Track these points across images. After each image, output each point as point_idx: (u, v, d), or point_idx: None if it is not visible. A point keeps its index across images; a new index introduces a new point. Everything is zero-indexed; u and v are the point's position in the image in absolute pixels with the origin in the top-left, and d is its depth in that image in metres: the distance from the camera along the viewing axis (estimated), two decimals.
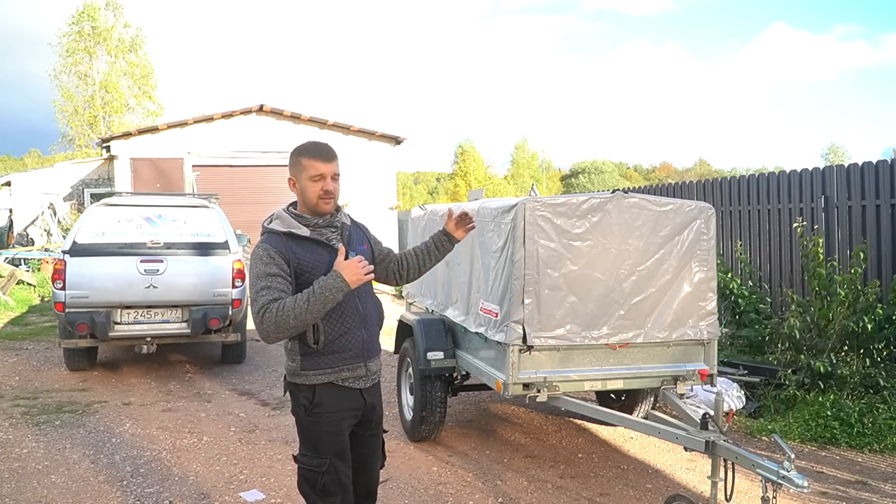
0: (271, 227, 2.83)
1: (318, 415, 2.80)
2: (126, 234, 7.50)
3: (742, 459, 3.62)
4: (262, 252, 2.75)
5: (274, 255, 2.73)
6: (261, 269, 2.71)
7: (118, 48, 30.73)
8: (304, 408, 2.81)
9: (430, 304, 6.02)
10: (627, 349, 4.56)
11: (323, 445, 2.81)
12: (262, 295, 2.66)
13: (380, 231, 18.37)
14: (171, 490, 4.66)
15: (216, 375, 7.95)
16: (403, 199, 47.31)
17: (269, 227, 2.83)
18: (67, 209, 18.96)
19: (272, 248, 2.76)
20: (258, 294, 2.67)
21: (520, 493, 4.62)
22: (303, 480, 2.83)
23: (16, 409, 6.52)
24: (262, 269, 2.71)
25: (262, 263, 2.72)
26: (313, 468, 2.79)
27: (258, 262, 2.73)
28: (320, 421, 2.81)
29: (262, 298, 2.65)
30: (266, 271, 2.70)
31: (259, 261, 2.73)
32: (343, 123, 18.15)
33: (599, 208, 4.45)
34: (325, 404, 2.81)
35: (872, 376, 5.91)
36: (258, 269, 2.72)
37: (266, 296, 2.65)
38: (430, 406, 5.32)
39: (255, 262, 2.74)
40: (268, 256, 2.73)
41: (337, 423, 2.84)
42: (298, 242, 2.79)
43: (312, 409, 2.80)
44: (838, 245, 7.26)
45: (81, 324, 7.06)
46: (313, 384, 2.80)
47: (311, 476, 2.80)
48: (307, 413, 2.81)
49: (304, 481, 2.82)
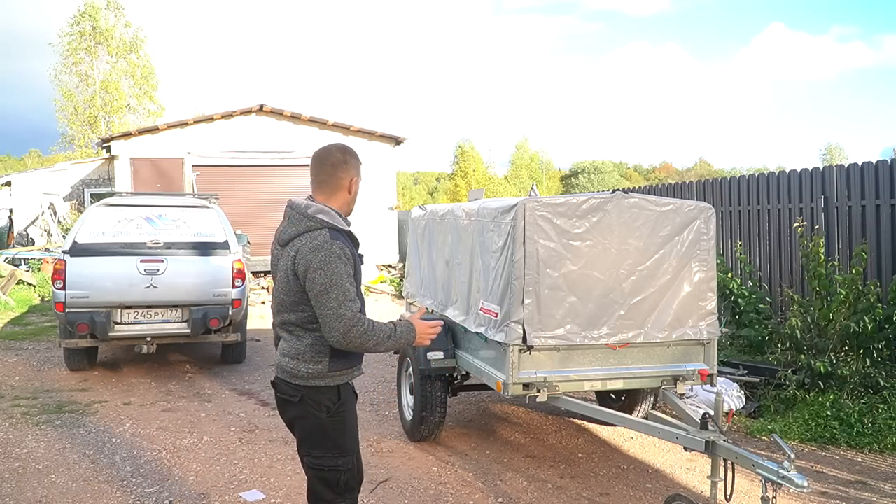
0: (333, 223, 2.74)
1: (342, 413, 2.79)
2: (126, 234, 7.50)
3: (742, 459, 3.62)
4: (339, 251, 2.65)
5: (350, 256, 2.69)
6: (342, 269, 2.64)
7: (119, 48, 30.73)
8: (327, 409, 2.75)
9: (430, 304, 6.02)
10: (627, 349, 4.56)
11: (347, 442, 2.80)
12: (347, 302, 2.62)
13: (380, 231, 18.43)
14: (171, 490, 4.66)
15: (216, 375, 7.95)
16: (403, 199, 47.32)
17: (332, 224, 2.73)
18: (67, 209, 18.97)
19: (347, 248, 2.70)
20: (344, 299, 2.61)
21: (520, 493, 4.62)
22: (319, 483, 2.78)
23: (16, 409, 6.52)
24: (343, 269, 2.64)
25: (343, 264, 2.65)
26: (337, 468, 2.76)
27: (338, 261, 2.63)
28: (345, 419, 2.80)
29: (349, 307, 2.61)
30: (347, 272, 2.65)
31: (339, 260, 2.64)
32: (343, 123, 18.14)
33: (599, 208, 4.45)
34: (349, 402, 2.83)
35: (872, 376, 5.91)
36: (340, 270, 2.63)
37: (353, 305, 2.63)
38: (430, 406, 5.32)
39: (334, 262, 2.63)
40: (346, 257, 2.67)
41: (356, 418, 2.88)
42: (352, 242, 2.82)
43: (338, 410, 2.77)
44: (838, 245, 7.26)
45: (81, 324, 7.06)
46: (337, 384, 2.79)
47: (333, 476, 2.76)
48: (330, 414, 2.76)
49: (323, 483, 2.77)
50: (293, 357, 2.76)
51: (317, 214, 2.73)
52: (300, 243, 2.70)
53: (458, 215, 5.40)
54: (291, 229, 2.76)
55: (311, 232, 2.70)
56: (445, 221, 5.71)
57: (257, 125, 17.68)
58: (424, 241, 6.32)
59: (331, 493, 2.78)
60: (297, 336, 2.77)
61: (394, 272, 17.52)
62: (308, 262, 2.64)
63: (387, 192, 18.29)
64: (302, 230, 2.72)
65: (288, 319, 2.78)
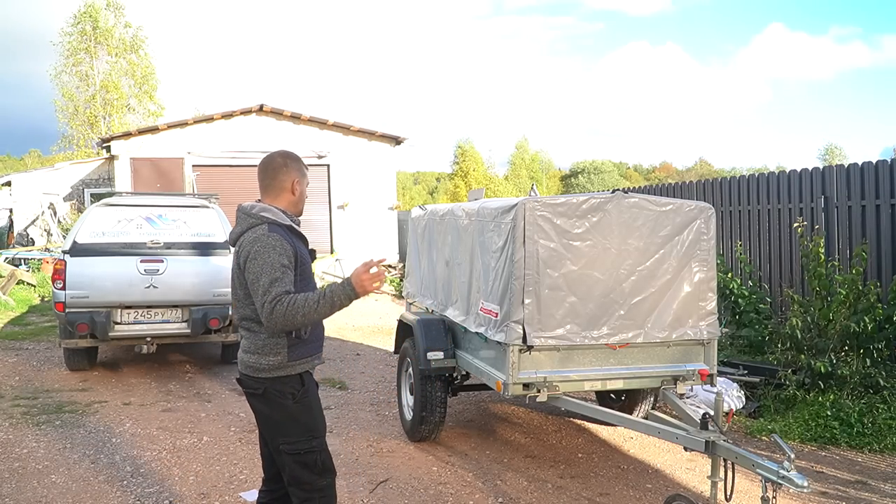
0: (274, 219, 2.92)
1: (307, 398, 2.97)
2: (126, 234, 7.51)
3: (742, 459, 3.62)
4: (275, 242, 2.82)
5: (287, 248, 2.85)
6: (275, 258, 2.79)
7: (119, 48, 30.71)
8: (291, 396, 2.92)
9: (430, 304, 6.02)
10: (627, 349, 4.56)
11: (317, 424, 2.99)
12: (275, 286, 2.74)
13: (380, 231, 18.39)
14: (171, 490, 4.66)
15: (216, 375, 7.95)
16: (403, 199, 47.32)
17: (272, 219, 2.91)
18: (67, 209, 18.96)
19: (284, 240, 2.86)
20: (272, 284, 2.74)
21: (520, 493, 4.62)
22: (299, 467, 2.92)
23: (16, 409, 6.52)
24: (276, 259, 2.79)
25: (277, 253, 2.80)
26: (312, 450, 2.93)
27: (272, 251, 2.79)
28: (310, 403, 2.98)
29: (275, 289, 2.74)
30: (280, 262, 2.80)
31: (273, 250, 2.80)
32: (343, 123, 18.13)
33: (599, 208, 4.45)
34: (311, 388, 3.01)
35: (872, 376, 5.91)
36: (272, 259, 2.78)
37: (279, 287, 2.74)
38: (430, 406, 5.32)
39: (268, 251, 2.79)
40: (281, 247, 2.83)
41: (319, 402, 3.07)
42: (295, 236, 2.98)
43: (302, 396, 2.95)
44: (838, 245, 7.26)
45: (81, 324, 7.07)
46: (299, 373, 2.95)
47: (310, 458, 2.92)
48: (296, 400, 2.93)
49: (302, 467, 2.92)
50: (253, 352, 2.92)
51: (260, 213, 2.94)
52: (243, 239, 2.92)
53: (458, 215, 5.40)
54: (238, 228, 2.99)
55: (252, 228, 2.92)
56: (445, 221, 5.71)
57: (257, 125, 17.67)
58: (424, 241, 6.32)
59: (310, 474, 2.92)
60: (254, 332, 2.93)
61: (394, 272, 17.51)
62: (247, 252, 2.85)
63: (387, 192, 18.28)
64: (246, 227, 2.94)
65: (244, 315, 2.95)
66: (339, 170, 17.48)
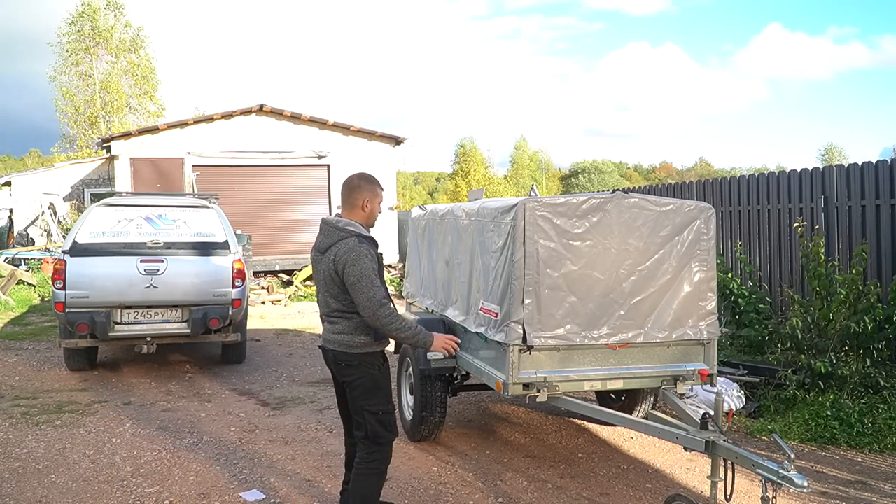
0: (361, 232, 3.58)
1: (386, 370, 3.71)
2: (126, 234, 7.50)
3: (742, 459, 3.62)
4: (365, 251, 3.49)
5: (373, 255, 3.53)
6: (368, 265, 3.46)
7: (119, 48, 30.67)
8: (377, 367, 3.64)
9: (430, 304, 6.02)
10: (627, 349, 4.55)
11: (390, 392, 3.73)
12: (378, 287, 3.46)
13: (380, 231, 18.41)
14: (171, 490, 4.66)
15: (216, 375, 7.95)
16: (403, 199, 47.31)
17: (357, 232, 3.56)
18: (67, 209, 18.95)
19: (371, 250, 3.54)
20: (374, 285, 3.44)
21: (520, 493, 4.62)
22: (378, 425, 3.59)
23: (16, 409, 6.52)
24: (369, 266, 3.47)
25: (369, 260, 3.48)
26: (389, 411, 3.65)
27: (364, 259, 3.46)
28: (387, 374, 3.72)
29: (379, 291, 3.46)
30: (372, 267, 3.48)
31: (365, 258, 3.47)
32: (343, 123, 18.13)
33: (599, 208, 4.45)
34: (387, 363, 3.74)
35: (872, 376, 5.91)
36: (366, 266, 3.45)
37: (380, 291, 3.46)
38: (430, 406, 5.32)
39: (362, 259, 3.45)
40: (369, 255, 3.51)
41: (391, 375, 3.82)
42: (372, 245, 3.59)
43: (384, 367, 3.69)
44: (838, 245, 7.26)
45: (81, 324, 7.06)
46: (381, 350, 3.68)
47: (387, 418, 3.63)
48: (380, 370, 3.66)
49: (380, 425, 3.60)
50: (348, 333, 3.58)
51: (346, 227, 3.59)
52: (336, 249, 3.53)
53: (458, 215, 5.39)
54: (328, 239, 3.60)
55: (343, 240, 3.54)
56: (445, 221, 5.71)
57: (257, 125, 17.66)
58: (424, 241, 6.32)
59: (385, 431, 3.62)
60: (348, 318, 3.58)
61: (394, 272, 17.51)
62: (344, 261, 3.48)
63: (387, 192, 18.26)
64: (336, 239, 3.56)
65: (336, 308, 3.59)
66: (339, 170, 17.46)
